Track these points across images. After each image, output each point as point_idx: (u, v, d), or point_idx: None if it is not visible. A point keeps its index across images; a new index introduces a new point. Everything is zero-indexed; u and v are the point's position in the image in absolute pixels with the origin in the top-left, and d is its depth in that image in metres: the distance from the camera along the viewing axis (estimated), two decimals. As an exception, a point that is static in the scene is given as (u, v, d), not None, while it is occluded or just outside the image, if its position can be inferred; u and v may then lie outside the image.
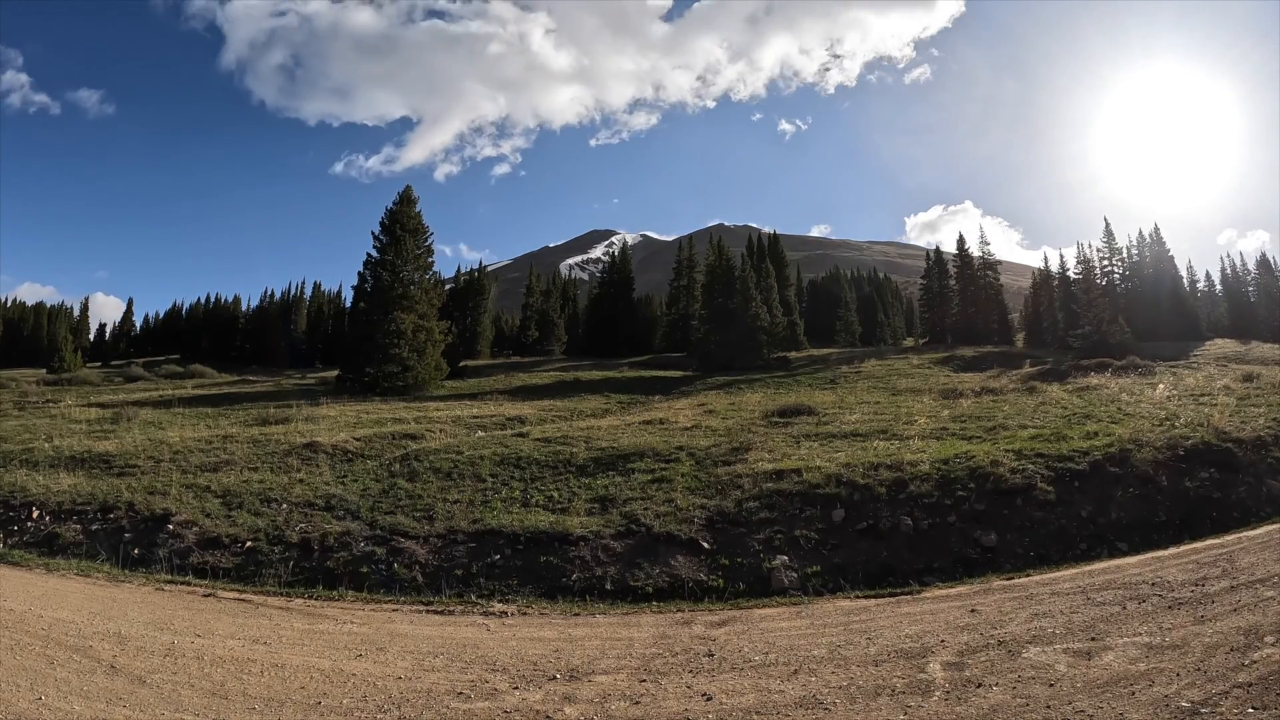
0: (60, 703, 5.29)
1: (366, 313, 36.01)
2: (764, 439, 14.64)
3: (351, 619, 7.71)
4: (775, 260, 65.18)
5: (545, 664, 6.24)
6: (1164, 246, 57.32)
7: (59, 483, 12.81)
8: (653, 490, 11.56)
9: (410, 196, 38.78)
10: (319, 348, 73.98)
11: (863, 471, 11.22)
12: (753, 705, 5.26)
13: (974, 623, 6.74)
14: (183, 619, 7.52)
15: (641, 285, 73.97)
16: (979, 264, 59.02)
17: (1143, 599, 6.96)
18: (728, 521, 10.22)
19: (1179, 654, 5.53)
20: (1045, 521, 9.77)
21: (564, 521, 10.39)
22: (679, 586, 8.79)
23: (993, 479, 10.59)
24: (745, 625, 7.28)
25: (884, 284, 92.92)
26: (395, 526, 10.59)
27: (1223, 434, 12.03)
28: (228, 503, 11.81)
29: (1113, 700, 4.88)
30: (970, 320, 56.50)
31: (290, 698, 5.51)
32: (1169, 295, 54.45)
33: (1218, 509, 10.09)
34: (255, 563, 9.86)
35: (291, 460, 14.41)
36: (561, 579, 9.05)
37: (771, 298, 50.42)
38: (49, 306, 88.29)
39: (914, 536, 9.61)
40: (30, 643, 6.51)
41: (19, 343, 78.69)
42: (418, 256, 37.66)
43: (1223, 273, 67.35)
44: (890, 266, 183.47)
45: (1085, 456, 11.19)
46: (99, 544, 10.55)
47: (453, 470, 13.22)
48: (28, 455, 15.08)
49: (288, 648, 6.70)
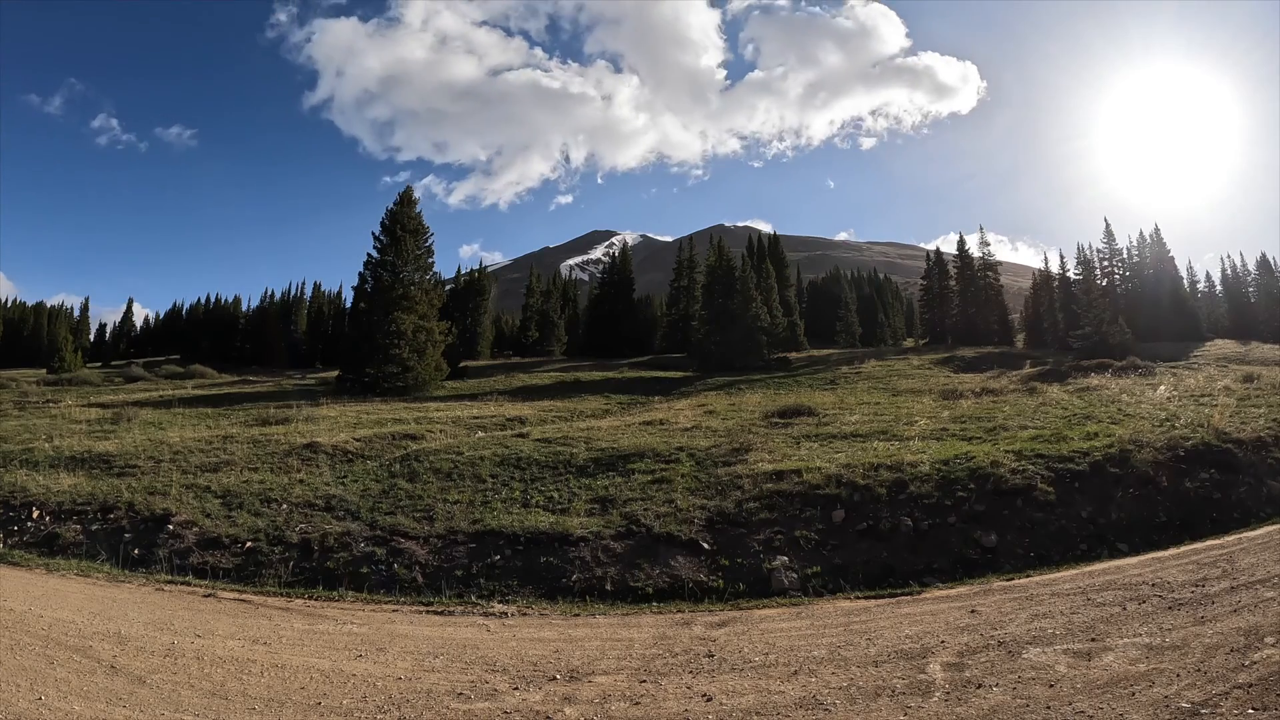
0: (60, 703, 5.29)
1: (367, 313, 36.04)
2: (764, 440, 14.63)
3: (351, 619, 7.70)
4: (775, 261, 65.22)
5: (545, 664, 6.24)
6: (1164, 247, 57.36)
7: (59, 483, 12.80)
8: (653, 491, 11.55)
9: (410, 197, 38.84)
10: (319, 348, 74.07)
11: (863, 472, 11.21)
12: (753, 706, 5.26)
13: (974, 623, 6.74)
14: (183, 619, 7.51)
15: (642, 286, 74.00)
16: (979, 265, 59.06)
17: (1143, 600, 6.95)
18: (728, 522, 10.21)
19: (1179, 655, 5.53)
20: (1045, 522, 9.77)
21: (564, 522, 10.39)
22: (679, 587, 8.79)
23: (993, 480, 10.58)
24: (745, 626, 7.27)
25: (884, 284, 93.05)
26: (395, 527, 10.58)
27: (1223, 435, 12.03)
28: (228, 503, 11.80)
29: (1113, 701, 4.88)
30: (970, 321, 56.54)
31: (290, 698, 5.51)
32: (1169, 296, 54.46)
33: (1218, 510, 10.09)
34: (255, 563, 9.85)
35: (292, 461, 14.40)
36: (561, 579, 9.05)
37: (772, 298, 50.41)
38: (49, 307, 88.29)
39: (914, 537, 9.61)
40: (30, 643, 6.51)
41: (19, 343, 78.65)
42: (418, 257, 37.71)
43: (1223, 273, 67.40)
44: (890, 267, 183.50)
45: (1085, 457, 11.19)
46: (99, 544, 10.54)
47: (453, 471, 13.21)
48: (28, 455, 15.07)
49: (288, 648, 6.69)
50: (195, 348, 79.08)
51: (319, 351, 73.21)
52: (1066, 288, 55.50)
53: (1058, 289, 56.93)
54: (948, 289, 61.99)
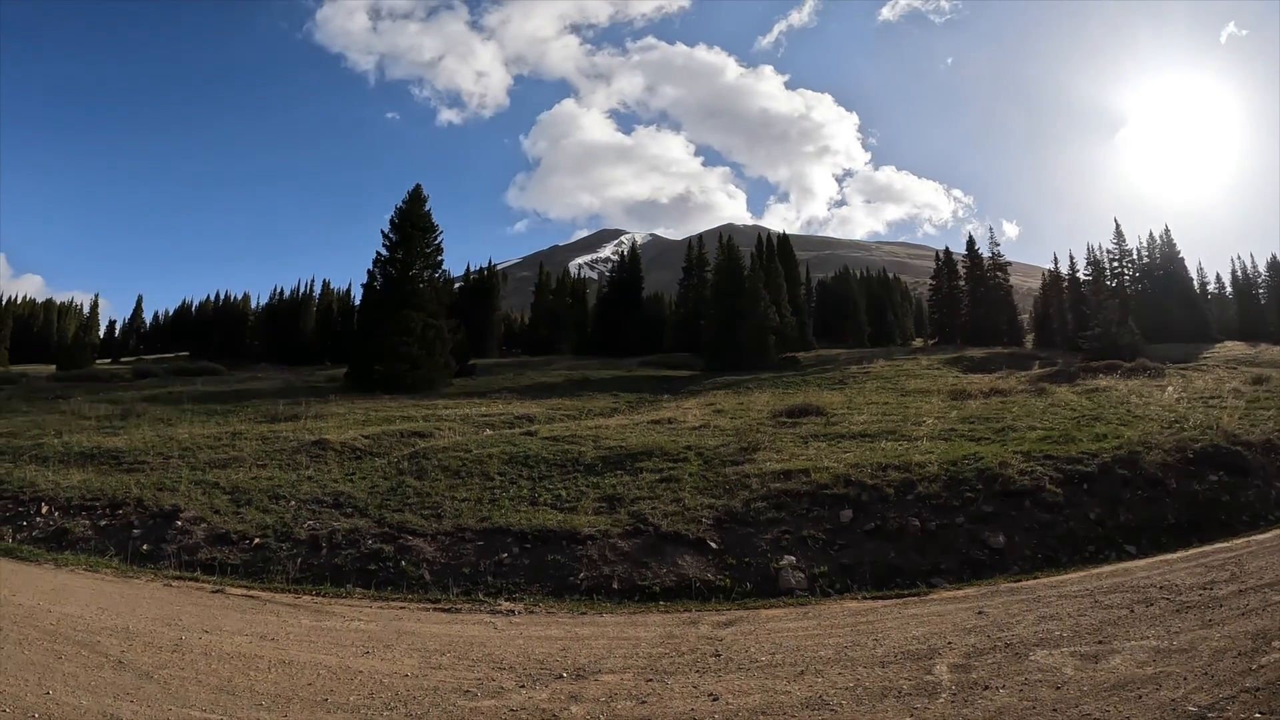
0: (68, 697, 5.33)
1: (376, 311, 36.16)
2: (772, 439, 14.61)
3: (359, 616, 7.74)
4: (784, 260, 65.11)
5: (552, 663, 6.25)
6: (1174, 248, 57.08)
7: (68, 478, 12.89)
8: (661, 490, 11.55)
9: (420, 195, 38.88)
10: (328, 345, 74.33)
11: (871, 472, 11.19)
12: (759, 706, 5.26)
13: (981, 625, 6.72)
14: (190, 615, 7.55)
15: (650, 284, 74.07)
16: (988, 265, 58.95)
17: (1150, 602, 6.92)
18: (735, 521, 10.20)
19: (1186, 658, 5.50)
20: (1053, 523, 9.72)
21: (572, 520, 10.39)
22: (686, 586, 8.78)
23: (1001, 480, 10.54)
24: (752, 625, 7.27)
25: (893, 284, 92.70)
26: (403, 524, 10.61)
27: (1232, 437, 11.95)
28: (236, 499, 11.86)
29: (1119, 704, 4.86)
30: (979, 321, 56.39)
31: (297, 694, 5.54)
32: (1179, 297, 54.21)
33: (1226, 512, 10.02)
34: (263, 559, 9.89)
35: (300, 457, 14.47)
36: (569, 578, 9.05)
37: (781, 297, 50.39)
38: (59, 303, 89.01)
39: (921, 537, 9.58)
40: (38, 637, 6.56)
41: (29, 339, 79.32)
42: (427, 255, 37.78)
43: (1233, 275, 67.17)
44: (899, 267, 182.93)
45: (1094, 458, 11.13)
46: (108, 540, 10.60)
47: (461, 468, 13.24)
48: (37, 451, 15.19)
49: (295, 644, 6.73)
50: (205, 344, 79.71)
51: (328, 349, 73.46)
52: (1076, 288, 55.42)
53: (1067, 290, 56.84)
54: (957, 289, 61.85)
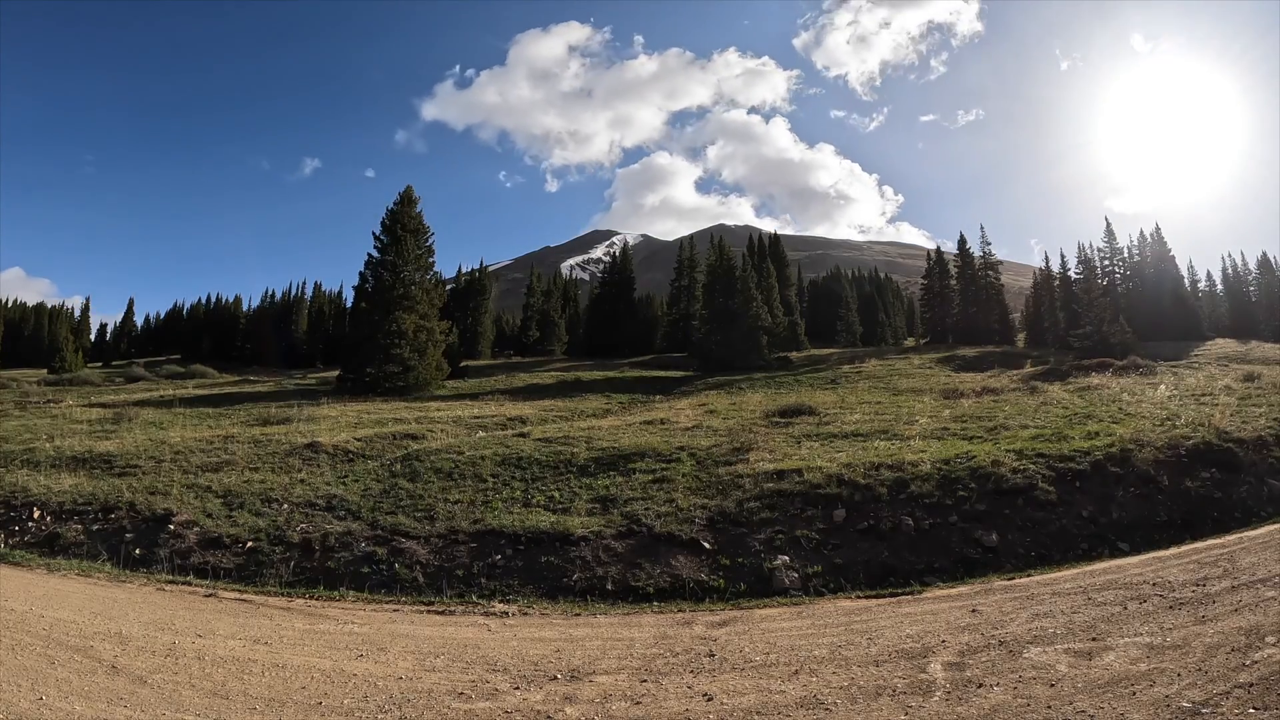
0: (61, 703, 5.29)
1: (367, 313, 36.02)
2: (765, 439, 14.63)
3: (353, 619, 7.71)
4: (776, 260, 65.26)
5: (546, 664, 6.24)
6: (1165, 246, 57.34)
7: (60, 483, 12.81)
8: (654, 490, 11.55)
9: (411, 197, 38.78)
10: (320, 348, 74.12)
11: (864, 471, 11.21)
12: (754, 705, 5.26)
13: (975, 623, 6.74)
14: (184, 619, 7.51)
15: (642, 285, 73.95)
16: (980, 264, 59.06)
17: (1144, 599, 6.95)
18: (729, 521, 10.20)
19: (1180, 654, 5.53)
20: (1046, 521, 9.76)
21: (565, 522, 10.39)
22: (680, 586, 8.79)
23: (994, 479, 10.58)
24: (746, 625, 7.27)
25: (885, 284, 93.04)
26: (396, 527, 10.59)
27: (1224, 434, 12.02)
28: (229, 503, 11.81)
29: (1113, 700, 4.87)
30: (971, 320, 56.53)
31: (291, 698, 5.51)
32: (1170, 295, 54.45)
33: (1219, 509, 10.08)
34: (256, 563, 9.85)
35: (293, 460, 14.41)
36: (563, 579, 9.05)
37: (772, 297, 50.47)
38: (50, 307, 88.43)
39: (915, 536, 9.60)
40: (31, 643, 6.51)
41: (20, 343, 78.78)
42: (418, 257, 37.68)
43: (1224, 272, 67.51)
44: (891, 266, 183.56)
45: (1086, 456, 11.18)
46: (100, 544, 10.54)
47: (454, 470, 13.22)
48: (29, 455, 15.08)
49: (289, 648, 6.70)
50: (196, 348, 79.35)
51: (320, 351, 73.26)
52: (1067, 287, 55.56)
53: (1058, 288, 56.99)
54: (948, 288, 62.00)
